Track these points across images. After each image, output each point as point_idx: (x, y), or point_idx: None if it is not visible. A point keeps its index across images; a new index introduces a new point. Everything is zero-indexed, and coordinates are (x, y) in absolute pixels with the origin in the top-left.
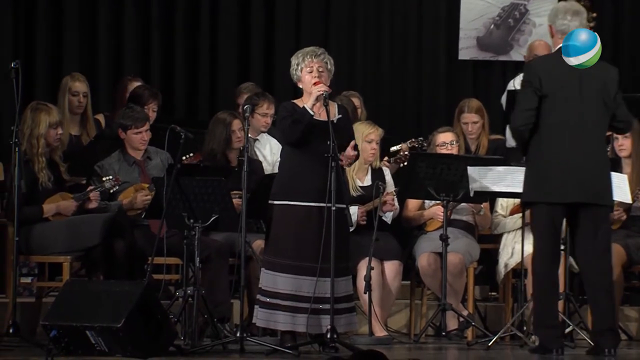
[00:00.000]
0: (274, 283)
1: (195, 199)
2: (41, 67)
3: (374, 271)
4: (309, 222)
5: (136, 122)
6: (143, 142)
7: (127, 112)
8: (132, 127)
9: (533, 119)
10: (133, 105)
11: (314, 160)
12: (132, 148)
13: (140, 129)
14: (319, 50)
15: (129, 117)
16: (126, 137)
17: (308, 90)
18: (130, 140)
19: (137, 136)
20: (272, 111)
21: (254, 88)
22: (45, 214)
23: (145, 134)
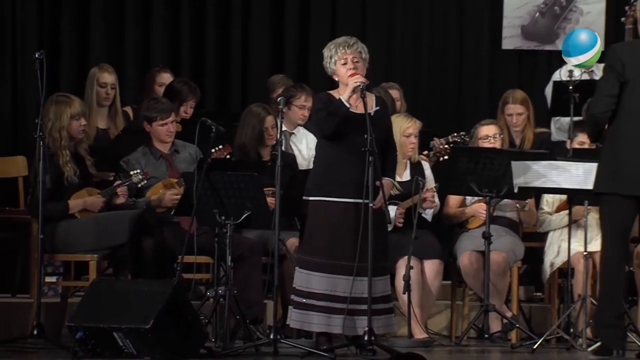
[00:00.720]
0: (309, 282)
1: (226, 195)
2: (66, 58)
3: (414, 270)
4: (345, 219)
5: (161, 114)
6: (169, 134)
7: (152, 104)
8: (157, 118)
9: (613, 105)
10: (157, 97)
11: (350, 155)
12: (159, 141)
13: (165, 120)
14: (351, 40)
15: (153, 108)
16: (152, 130)
17: (344, 82)
18: (156, 133)
19: (162, 128)
20: (309, 103)
21: (286, 80)
22: (71, 211)
23: (171, 125)
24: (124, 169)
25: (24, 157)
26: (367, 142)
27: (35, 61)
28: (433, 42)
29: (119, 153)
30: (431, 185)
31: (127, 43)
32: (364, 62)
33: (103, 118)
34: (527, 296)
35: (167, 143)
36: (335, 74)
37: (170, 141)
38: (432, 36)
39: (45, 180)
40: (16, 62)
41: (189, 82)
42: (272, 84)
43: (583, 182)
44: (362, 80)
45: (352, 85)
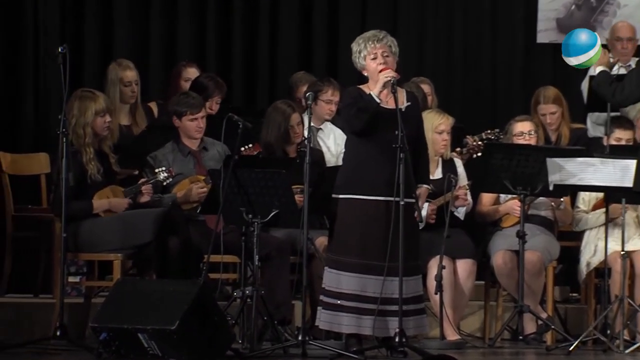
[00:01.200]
0: (338, 283)
1: (254, 192)
2: (90, 52)
3: (446, 270)
4: (376, 218)
5: (192, 108)
6: (199, 129)
7: (182, 98)
8: (188, 113)
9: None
10: (188, 91)
11: (381, 151)
12: (188, 137)
13: (196, 115)
14: (380, 34)
15: (183, 102)
16: (181, 125)
17: (374, 78)
18: (185, 128)
19: (192, 123)
20: (337, 98)
21: (308, 77)
22: (95, 211)
23: (201, 120)
24: (151, 165)
25: (46, 154)
26: (398, 139)
27: (58, 56)
28: (466, 35)
29: (144, 150)
30: (464, 182)
31: (152, 38)
32: (394, 56)
33: (125, 114)
34: (562, 297)
35: (196, 139)
36: (365, 69)
37: (200, 137)
38: (464, 29)
39: (68, 177)
40: (38, 57)
41: (215, 78)
42: (295, 82)
43: (620, 179)
44: (393, 74)
45: (383, 80)
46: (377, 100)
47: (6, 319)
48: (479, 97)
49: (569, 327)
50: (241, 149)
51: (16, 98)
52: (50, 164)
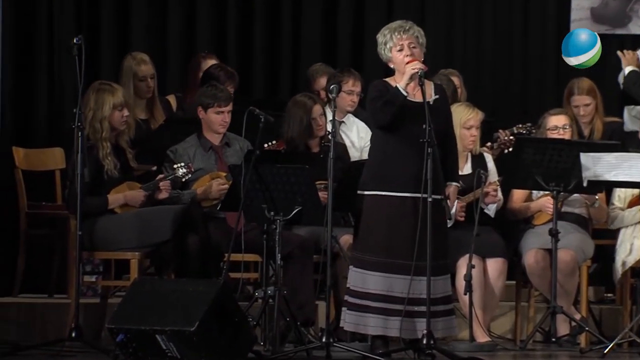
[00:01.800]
0: (364, 282)
1: (276, 189)
2: (107, 44)
3: (475, 270)
4: (403, 215)
5: (219, 101)
6: (224, 124)
7: (210, 90)
8: (215, 105)
9: None
10: (216, 83)
11: (408, 146)
12: (211, 130)
13: (222, 108)
14: (406, 24)
15: (211, 94)
16: (205, 117)
17: (401, 70)
18: (210, 121)
19: (218, 116)
20: (358, 88)
21: (326, 68)
22: (111, 205)
23: (227, 115)
24: (171, 159)
25: (61, 149)
26: (425, 133)
27: (73, 47)
28: (496, 26)
29: (161, 145)
30: (494, 178)
31: (170, 28)
32: (421, 48)
33: (142, 109)
34: (597, 297)
35: (219, 134)
36: (391, 61)
37: (223, 132)
38: (495, 19)
39: (83, 173)
40: (53, 48)
41: (225, 67)
42: (313, 74)
43: None
44: (420, 66)
45: (410, 72)
46: (403, 93)
47: (19, 319)
48: (510, 90)
49: (604, 329)
50: (264, 145)
51: (30, 91)
52: (65, 159)
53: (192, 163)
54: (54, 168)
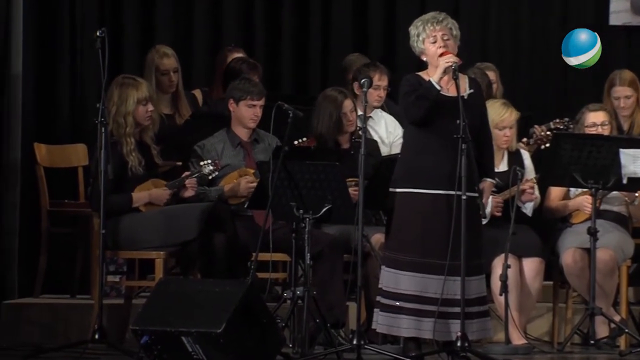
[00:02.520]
0: (396, 283)
1: (305, 186)
2: (131, 36)
3: (511, 270)
4: (436, 213)
5: (252, 94)
6: (255, 118)
7: (242, 83)
8: (247, 98)
9: None
10: (250, 77)
11: (441, 142)
12: (240, 125)
13: (255, 102)
14: (440, 16)
15: (244, 87)
16: (236, 110)
17: (434, 63)
18: (240, 115)
19: (249, 110)
20: (384, 82)
21: (362, 59)
22: (135, 204)
23: (259, 109)
24: (198, 155)
25: (84, 145)
26: (459, 128)
27: (96, 40)
28: (533, 18)
29: (187, 141)
30: (531, 176)
31: (196, 21)
32: (454, 40)
33: (167, 104)
34: (637, 298)
35: (249, 129)
36: (424, 53)
37: (253, 127)
38: (532, 11)
39: (107, 170)
40: (75, 41)
41: (248, 59)
42: (349, 64)
43: None
44: (454, 59)
45: (443, 65)
46: (437, 87)
47: (41, 321)
48: (546, 84)
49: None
50: (294, 142)
51: (52, 85)
52: (88, 156)
53: (220, 159)
54: (77, 165)
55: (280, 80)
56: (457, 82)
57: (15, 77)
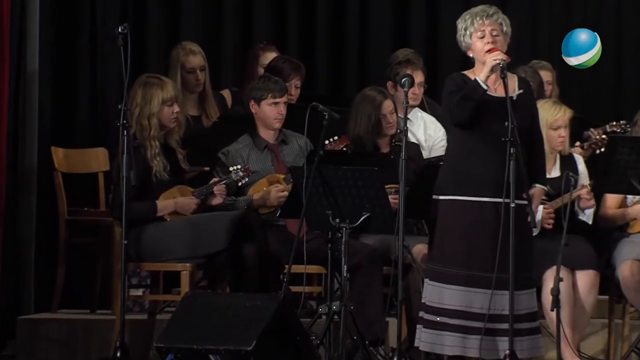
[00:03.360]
0: (440, 297)
1: (342, 193)
2: (154, 33)
3: (564, 283)
4: (483, 222)
5: (273, 91)
6: (280, 117)
7: (262, 81)
8: (269, 96)
9: None
10: (268, 74)
11: (488, 146)
12: (265, 126)
13: (277, 99)
14: (490, 10)
15: (263, 86)
16: (259, 111)
17: (480, 60)
18: (263, 115)
19: (273, 108)
20: (420, 79)
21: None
22: (160, 212)
23: (283, 107)
24: (223, 163)
25: (104, 149)
26: (507, 131)
27: (117, 38)
28: (586, 12)
29: (216, 144)
30: (585, 182)
31: (225, 17)
32: (504, 36)
33: (193, 104)
34: None
35: (275, 130)
36: (470, 48)
37: (279, 127)
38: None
39: (130, 176)
40: (95, 38)
41: (290, 59)
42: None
43: None
44: (503, 57)
45: (491, 63)
46: (483, 86)
47: (60, 337)
48: (602, 84)
49: None
50: (326, 143)
51: (70, 86)
52: (109, 161)
53: (247, 164)
54: (97, 170)
55: (314, 80)
56: (506, 81)
57: (31, 75)
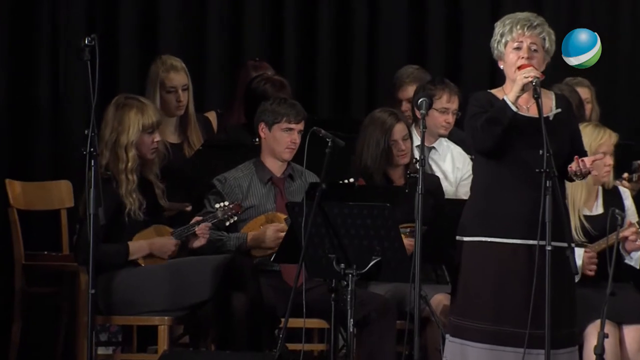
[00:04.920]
0: (464, 356)
1: (347, 234)
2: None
3: (609, 340)
4: (515, 268)
5: (289, 116)
6: (293, 146)
7: (275, 103)
8: (282, 120)
9: None
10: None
11: (520, 177)
12: (273, 155)
13: (292, 124)
14: (536, 20)
15: (278, 109)
16: (268, 137)
17: (511, 76)
18: (274, 141)
19: (285, 136)
20: (454, 105)
21: (421, 74)
22: (133, 256)
23: (297, 135)
24: (218, 191)
25: (68, 183)
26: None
27: (84, 49)
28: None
29: (199, 176)
30: (633, 220)
31: (210, 28)
32: (544, 54)
33: (173, 130)
34: None
35: (284, 161)
36: (502, 59)
37: (290, 157)
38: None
39: (98, 214)
40: (57, 50)
41: (271, 77)
42: (399, 80)
43: None
44: (536, 74)
45: (521, 80)
46: (512, 108)
47: None
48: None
49: None
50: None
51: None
52: (73, 196)
53: (246, 197)
54: (59, 207)
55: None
56: (539, 101)
57: None
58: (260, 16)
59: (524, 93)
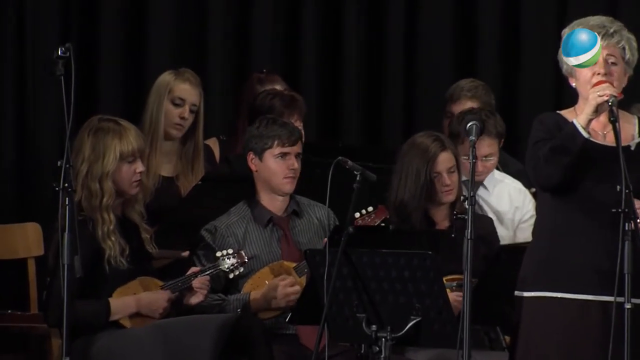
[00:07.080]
0: None
1: (380, 289)
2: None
3: None
4: (586, 329)
5: (281, 138)
6: (293, 173)
7: (262, 126)
8: (274, 144)
9: None
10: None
11: (592, 219)
12: (270, 190)
13: (287, 148)
14: (612, 26)
15: (264, 133)
16: (261, 168)
17: (584, 95)
18: (268, 173)
19: (281, 163)
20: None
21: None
22: (115, 315)
23: (295, 160)
24: (208, 244)
25: (36, 225)
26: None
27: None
28: None
29: (197, 217)
30: None
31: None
32: (625, 66)
33: (169, 159)
34: None
35: (284, 195)
36: (573, 76)
37: (291, 190)
38: None
39: (73, 264)
40: (24, 63)
41: (281, 92)
42: (458, 91)
43: None
44: (612, 91)
45: (595, 99)
46: (583, 134)
47: None
48: None
49: None
50: (356, 215)
51: None
52: (43, 242)
53: (242, 247)
54: (26, 256)
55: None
56: (616, 126)
57: None
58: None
59: (598, 115)
